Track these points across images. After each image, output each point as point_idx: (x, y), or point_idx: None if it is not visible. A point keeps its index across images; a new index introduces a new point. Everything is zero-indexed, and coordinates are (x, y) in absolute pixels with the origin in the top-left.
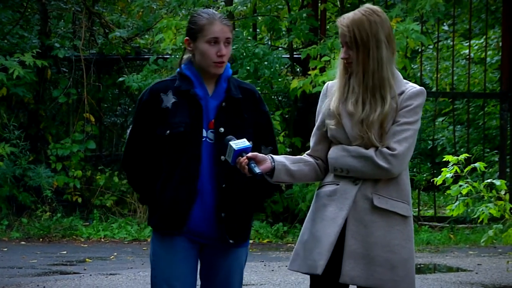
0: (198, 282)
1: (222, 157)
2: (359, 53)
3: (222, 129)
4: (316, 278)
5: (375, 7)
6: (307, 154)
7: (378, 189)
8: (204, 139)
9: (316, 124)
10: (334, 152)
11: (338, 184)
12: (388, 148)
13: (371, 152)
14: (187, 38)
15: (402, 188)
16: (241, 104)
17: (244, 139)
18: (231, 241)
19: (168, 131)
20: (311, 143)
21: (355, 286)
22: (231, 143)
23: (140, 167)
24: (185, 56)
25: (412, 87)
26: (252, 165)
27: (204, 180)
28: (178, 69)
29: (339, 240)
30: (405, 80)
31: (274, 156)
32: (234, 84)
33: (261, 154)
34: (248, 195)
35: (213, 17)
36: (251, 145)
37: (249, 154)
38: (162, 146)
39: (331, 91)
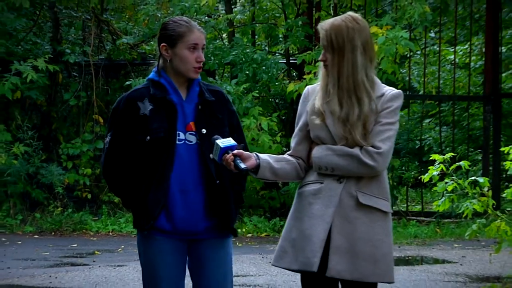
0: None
1: (211, 155)
2: (335, 56)
3: (204, 130)
4: (308, 274)
5: (356, 15)
6: (288, 154)
7: (361, 187)
8: (181, 142)
9: (297, 127)
10: (318, 152)
11: (322, 183)
12: (373, 146)
13: (356, 150)
14: (164, 44)
15: (383, 185)
16: (214, 106)
17: (230, 138)
18: (225, 234)
19: (148, 137)
20: (292, 143)
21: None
22: (217, 141)
23: (121, 173)
24: (160, 63)
25: (390, 90)
26: (238, 161)
27: (187, 180)
28: (149, 76)
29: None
30: (382, 84)
31: (259, 154)
32: (205, 88)
33: (246, 152)
34: (233, 190)
35: (192, 25)
36: (236, 144)
37: (235, 152)
38: (142, 151)
39: (312, 94)
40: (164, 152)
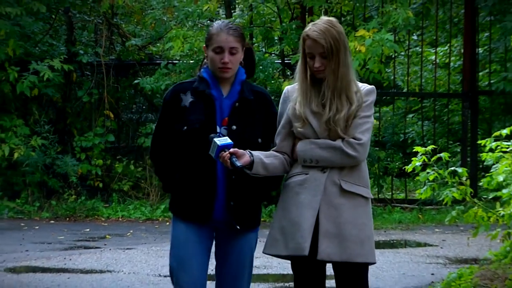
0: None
1: (210, 153)
2: (332, 61)
3: (234, 127)
4: (298, 258)
5: (333, 19)
6: (273, 150)
7: (344, 176)
8: (218, 135)
9: (280, 125)
10: (302, 146)
11: (307, 174)
12: (354, 138)
13: (339, 143)
14: (204, 45)
15: (363, 174)
16: (253, 105)
17: (227, 137)
18: (237, 227)
19: (185, 127)
20: (277, 140)
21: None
22: (215, 139)
23: (164, 159)
24: (206, 61)
25: (364, 86)
26: (234, 159)
27: (218, 173)
28: (198, 72)
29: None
30: (356, 81)
31: (252, 152)
32: (248, 87)
33: (240, 150)
34: (256, 187)
35: (220, 28)
36: (232, 143)
37: (231, 150)
38: (180, 141)
39: (292, 95)
40: (201, 143)
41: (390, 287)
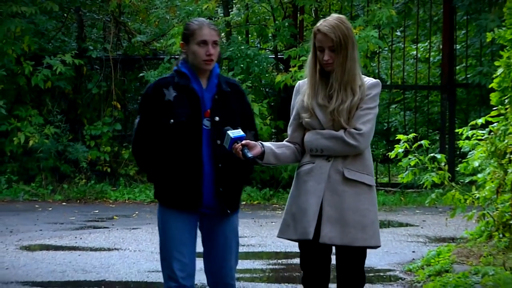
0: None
1: (218, 141)
2: (341, 55)
3: (217, 118)
4: (306, 242)
5: (343, 16)
6: (286, 141)
7: (347, 164)
8: (203, 126)
9: (292, 116)
10: (309, 136)
11: (314, 163)
12: (355, 129)
13: (341, 133)
14: (182, 42)
15: (367, 163)
16: (230, 96)
17: (239, 129)
18: (228, 211)
19: (172, 120)
20: (289, 131)
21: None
22: (228, 132)
23: (148, 152)
24: (180, 57)
25: (369, 80)
26: (245, 150)
27: (205, 161)
28: (175, 67)
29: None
30: (362, 75)
31: (263, 143)
32: (223, 80)
33: (252, 141)
34: (238, 172)
35: (202, 23)
36: (245, 134)
37: (243, 142)
38: (166, 133)
39: (302, 89)
40: (191, 135)
41: (375, 263)
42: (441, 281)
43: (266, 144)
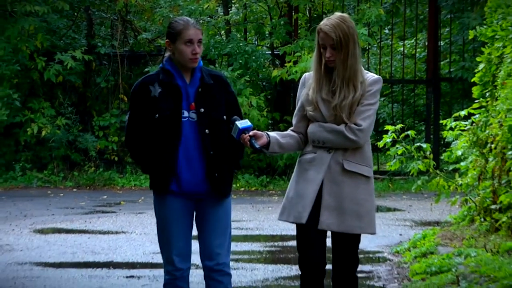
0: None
1: (207, 131)
2: (342, 52)
3: (202, 109)
4: (301, 226)
5: (346, 15)
6: (291, 130)
7: (347, 156)
8: (186, 119)
9: (297, 107)
10: (312, 128)
11: (315, 153)
12: (355, 124)
13: (342, 127)
14: (167, 40)
15: (366, 155)
16: (213, 88)
17: (247, 120)
18: (221, 194)
19: (157, 115)
20: (294, 121)
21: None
22: (236, 122)
23: (139, 144)
24: (166, 55)
25: (371, 76)
26: (253, 141)
27: (191, 150)
28: (160, 65)
29: (317, 196)
30: (365, 70)
31: (269, 133)
32: (206, 73)
33: (259, 132)
34: (229, 159)
35: (188, 23)
36: (252, 125)
37: (251, 133)
38: (153, 127)
39: (308, 81)
40: (171, 127)
41: (365, 246)
42: (426, 262)
43: (272, 134)
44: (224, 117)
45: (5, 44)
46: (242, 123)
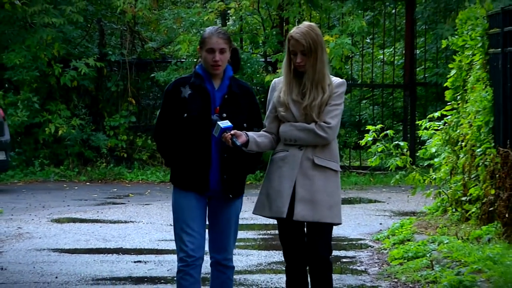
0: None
1: (214, 133)
2: (311, 58)
3: (224, 115)
4: (282, 220)
5: (314, 24)
6: (263, 131)
7: (317, 153)
8: (218, 117)
9: (268, 110)
10: (284, 128)
11: (288, 151)
12: (325, 122)
13: (312, 125)
14: (198, 47)
15: (333, 152)
16: (239, 97)
17: (227, 120)
18: (230, 196)
19: (185, 114)
20: (266, 123)
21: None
22: (218, 122)
23: (166, 140)
24: (199, 60)
25: (336, 79)
26: (234, 139)
27: (213, 151)
28: (194, 69)
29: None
30: (330, 75)
31: (248, 133)
32: (235, 83)
33: (239, 131)
34: (242, 162)
35: (212, 32)
36: (232, 125)
37: (232, 132)
38: (181, 125)
39: (278, 86)
40: (201, 127)
41: (348, 234)
42: (403, 248)
43: (250, 133)
44: (245, 124)
45: (25, 53)
46: (223, 123)
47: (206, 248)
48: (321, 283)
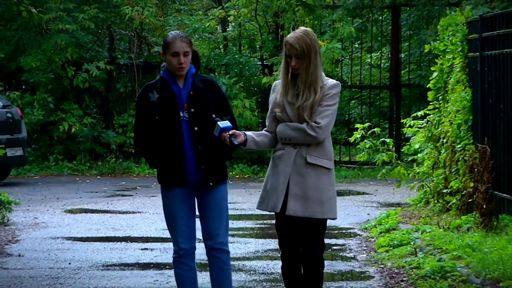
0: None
1: (196, 128)
2: (305, 61)
3: (192, 110)
4: (277, 214)
5: (309, 29)
6: (265, 130)
7: (310, 151)
8: (182, 118)
9: (269, 111)
10: (280, 127)
11: (284, 149)
12: (315, 122)
13: (304, 125)
14: (161, 51)
15: (327, 150)
16: (203, 91)
17: (227, 121)
18: (210, 183)
19: (157, 117)
20: (267, 123)
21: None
22: (218, 123)
23: (145, 144)
24: (162, 65)
25: (331, 81)
26: (232, 138)
27: (186, 145)
28: (159, 74)
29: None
30: (326, 77)
31: (246, 132)
32: (198, 78)
33: (238, 131)
34: (218, 152)
35: (175, 37)
36: (231, 125)
37: (230, 132)
38: (155, 127)
39: (276, 88)
40: (171, 126)
41: (339, 223)
42: (389, 236)
43: (248, 133)
44: (214, 115)
45: (41, 56)
46: (223, 124)
47: (200, 235)
48: (312, 278)
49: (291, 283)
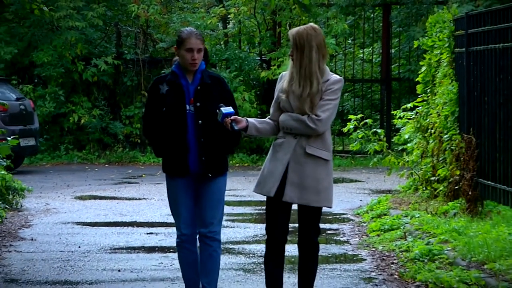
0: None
1: (200, 121)
2: (298, 53)
3: (198, 104)
4: (270, 198)
5: (315, 25)
6: (268, 118)
7: (310, 142)
8: (188, 111)
9: (274, 99)
10: (282, 117)
11: (285, 138)
12: (316, 115)
13: (304, 117)
14: (175, 46)
15: (326, 142)
16: (210, 87)
17: (230, 107)
18: (210, 175)
19: (164, 108)
20: (271, 111)
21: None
22: (221, 108)
23: (153, 133)
24: (175, 59)
25: (335, 76)
26: (233, 124)
27: (190, 137)
28: (171, 68)
29: (284, 173)
30: (331, 73)
31: (248, 119)
32: (206, 74)
33: (239, 117)
34: (220, 145)
35: (190, 33)
36: (234, 111)
37: (232, 117)
38: (162, 118)
39: (283, 78)
40: (177, 118)
41: (333, 209)
42: (381, 221)
43: (251, 120)
44: (217, 111)
45: (52, 52)
46: (225, 109)
47: None
48: (310, 263)
49: (272, 276)
